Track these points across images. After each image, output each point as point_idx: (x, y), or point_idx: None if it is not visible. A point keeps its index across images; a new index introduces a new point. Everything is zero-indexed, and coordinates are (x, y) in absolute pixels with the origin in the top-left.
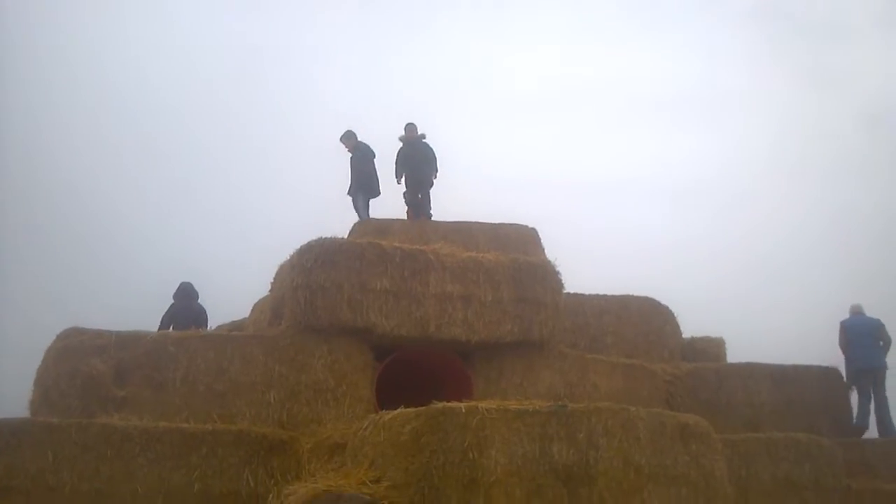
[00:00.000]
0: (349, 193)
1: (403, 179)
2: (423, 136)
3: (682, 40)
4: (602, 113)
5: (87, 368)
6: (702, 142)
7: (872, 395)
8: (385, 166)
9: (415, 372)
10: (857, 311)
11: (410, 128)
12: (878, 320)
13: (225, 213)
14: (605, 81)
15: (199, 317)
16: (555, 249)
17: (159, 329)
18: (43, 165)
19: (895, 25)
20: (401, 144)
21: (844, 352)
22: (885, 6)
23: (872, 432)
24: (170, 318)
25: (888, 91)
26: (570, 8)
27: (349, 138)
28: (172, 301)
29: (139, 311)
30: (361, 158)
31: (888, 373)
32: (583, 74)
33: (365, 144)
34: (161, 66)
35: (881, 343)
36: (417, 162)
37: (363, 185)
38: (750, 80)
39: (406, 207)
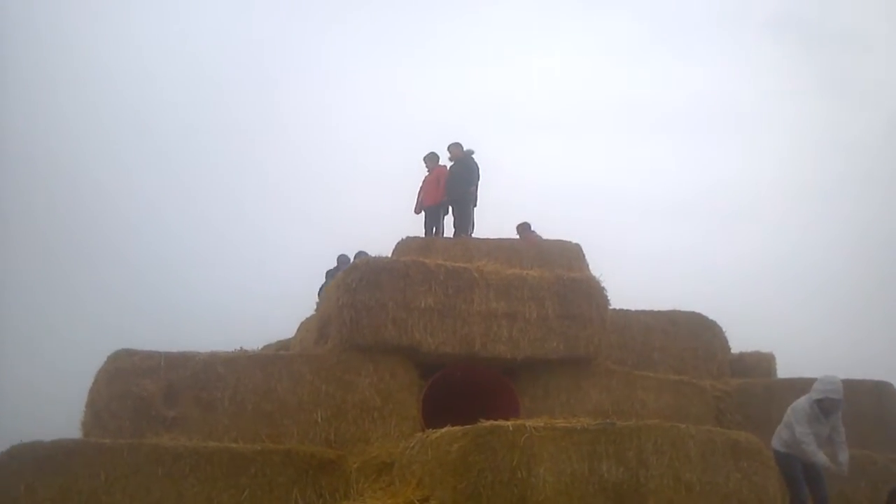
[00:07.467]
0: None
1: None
2: (470, 153)
3: (704, 54)
4: (635, 128)
5: (138, 389)
6: (734, 157)
7: None
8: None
9: (461, 390)
10: None
11: (453, 147)
12: None
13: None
14: (633, 97)
15: None
16: (599, 265)
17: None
18: (89, 186)
19: None
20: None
21: None
22: None
23: None
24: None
25: None
26: (594, 27)
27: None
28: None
29: (188, 332)
30: None
31: None
32: (610, 90)
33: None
34: (171, 75)
35: None
36: (451, 181)
37: None
38: (779, 91)
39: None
